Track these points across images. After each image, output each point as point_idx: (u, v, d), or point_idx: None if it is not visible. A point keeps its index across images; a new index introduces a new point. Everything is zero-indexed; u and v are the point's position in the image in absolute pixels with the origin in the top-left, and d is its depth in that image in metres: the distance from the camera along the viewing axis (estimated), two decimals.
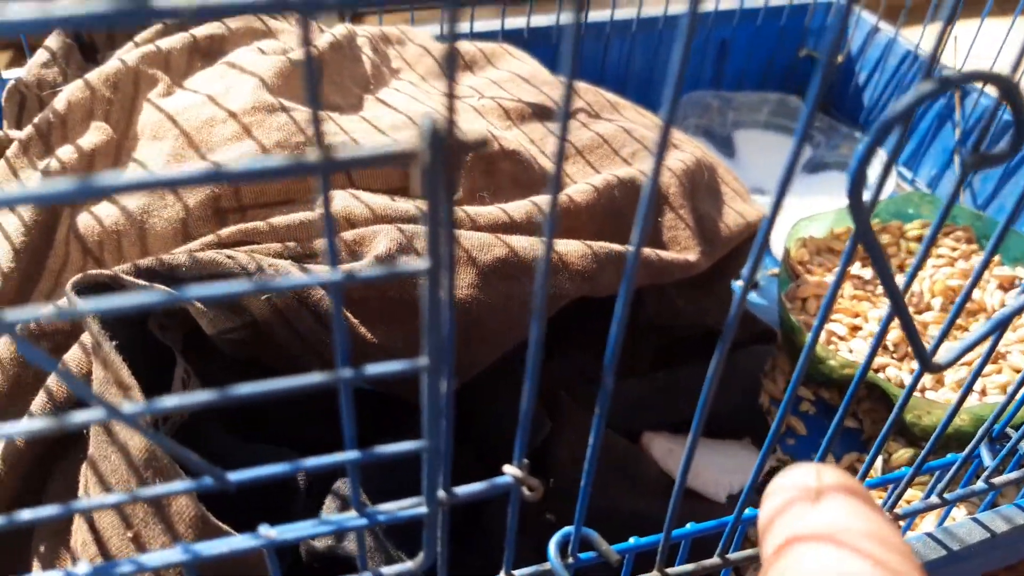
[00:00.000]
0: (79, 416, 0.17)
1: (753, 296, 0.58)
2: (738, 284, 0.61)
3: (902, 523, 0.35)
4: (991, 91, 0.61)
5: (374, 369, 0.18)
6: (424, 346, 0.18)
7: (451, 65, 0.15)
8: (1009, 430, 0.33)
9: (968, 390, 0.26)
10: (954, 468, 0.30)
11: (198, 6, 0.12)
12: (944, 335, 0.24)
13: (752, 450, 0.47)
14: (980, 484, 0.31)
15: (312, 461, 0.20)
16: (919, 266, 0.22)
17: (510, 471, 0.23)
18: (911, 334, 0.23)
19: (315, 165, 0.15)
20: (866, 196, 0.19)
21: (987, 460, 0.32)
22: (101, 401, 0.16)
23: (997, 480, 0.32)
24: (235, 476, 0.19)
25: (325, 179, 0.15)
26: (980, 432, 0.30)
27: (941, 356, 0.24)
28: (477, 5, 0.15)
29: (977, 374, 0.26)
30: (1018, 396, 0.32)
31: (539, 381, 0.44)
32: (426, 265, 0.17)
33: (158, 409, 0.17)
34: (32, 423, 0.17)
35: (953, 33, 0.63)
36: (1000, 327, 0.24)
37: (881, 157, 0.66)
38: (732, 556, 0.28)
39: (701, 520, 0.30)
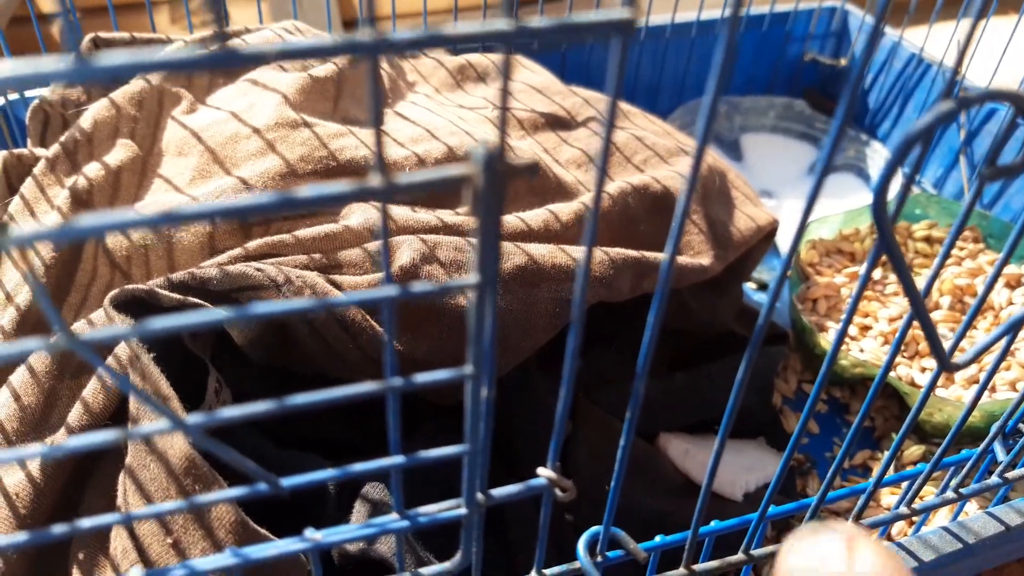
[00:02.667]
0: (145, 429, 0.18)
1: (764, 298, 0.59)
2: (750, 286, 0.62)
3: (916, 519, 0.36)
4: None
5: (423, 378, 0.19)
6: (469, 356, 0.19)
7: (503, 99, 0.16)
8: (1022, 426, 0.34)
9: (983, 390, 0.27)
10: (969, 464, 0.31)
11: (279, 51, 0.13)
12: (961, 337, 0.25)
13: (766, 449, 0.48)
14: (994, 478, 0.32)
15: (359, 466, 0.21)
16: (936, 275, 0.23)
17: (544, 473, 0.24)
18: (931, 337, 0.24)
19: (378, 190, 0.16)
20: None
21: (1000, 455, 0.32)
22: (168, 413, 0.17)
23: (1011, 474, 0.33)
24: (288, 482, 0.20)
25: (385, 202, 0.16)
26: (995, 428, 0.31)
27: (958, 356, 0.25)
28: (536, 38, 0.16)
29: (992, 373, 0.27)
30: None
31: (556, 384, 0.45)
32: (475, 281, 0.18)
33: (219, 420, 0.18)
34: (97, 436, 0.18)
35: (955, 37, 0.64)
36: (1015, 327, 0.25)
37: (886, 156, 0.67)
38: (755, 552, 0.29)
39: (718, 518, 0.31)
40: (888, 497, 0.46)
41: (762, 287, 0.60)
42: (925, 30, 0.66)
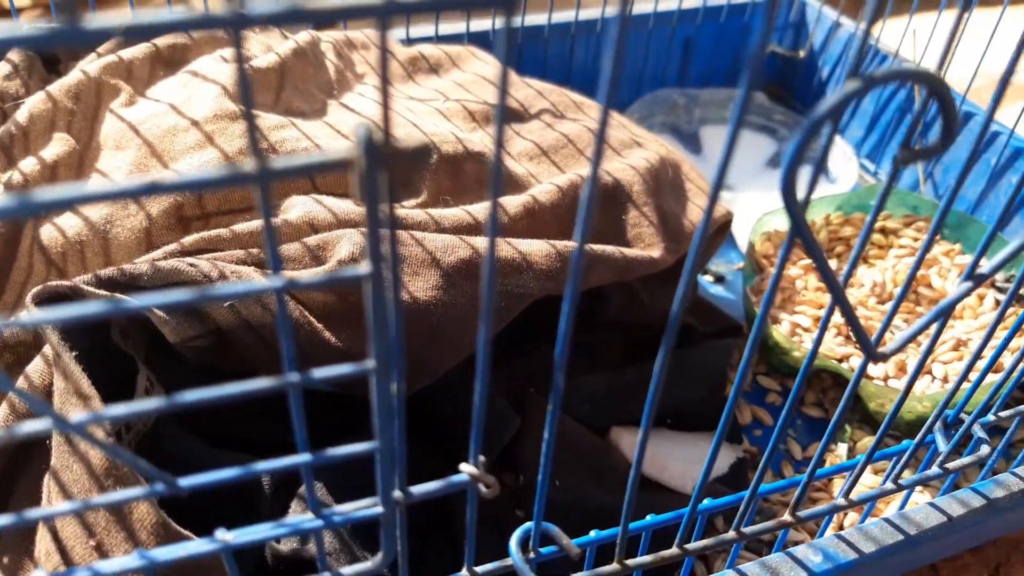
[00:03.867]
0: (27, 427, 0.17)
1: (720, 290, 0.59)
2: (706, 279, 0.61)
3: (862, 508, 0.35)
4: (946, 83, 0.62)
5: (321, 373, 0.18)
6: (370, 349, 0.18)
7: (384, 73, 0.15)
8: (964, 415, 0.34)
9: (913, 380, 0.27)
10: (907, 455, 0.31)
11: (128, 26, 0.12)
12: (886, 326, 0.25)
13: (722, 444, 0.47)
14: (935, 469, 0.32)
15: (264, 465, 0.20)
16: (855, 261, 0.23)
17: (466, 469, 0.23)
18: (853, 325, 0.23)
19: (252, 175, 0.15)
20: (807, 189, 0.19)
21: (941, 446, 0.32)
22: (50, 412, 0.17)
23: (951, 464, 0.32)
24: (186, 482, 0.19)
25: (264, 189, 0.15)
26: (931, 419, 0.31)
27: (888, 345, 0.25)
28: (409, 12, 0.15)
29: (923, 362, 0.27)
30: (971, 381, 0.33)
31: (505, 378, 0.44)
32: (367, 270, 0.17)
33: (105, 418, 0.17)
34: None
35: (912, 27, 0.64)
36: (943, 315, 0.25)
37: (843, 148, 0.67)
38: (690, 546, 0.29)
39: (665, 512, 0.31)
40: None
41: (718, 279, 0.59)
42: (880, 21, 0.66)
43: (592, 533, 0.29)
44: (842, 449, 0.48)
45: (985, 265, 0.24)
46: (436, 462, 0.43)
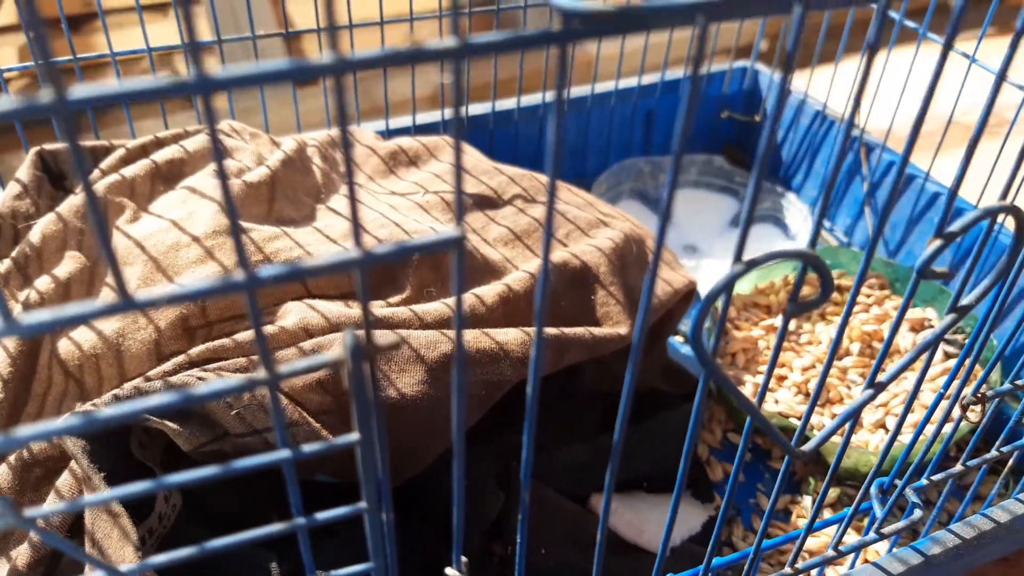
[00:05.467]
0: None
1: (689, 349, 0.63)
2: (676, 339, 0.65)
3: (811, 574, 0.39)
4: (892, 146, 0.66)
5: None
6: (362, 493, 0.22)
7: (365, 298, 0.19)
8: (898, 481, 0.38)
9: (835, 469, 0.31)
10: (845, 522, 0.35)
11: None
12: (804, 427, 0.29)
13: (693, 503, 0.51)
14: (871, 535, 0.36)
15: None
16: (842, 330, 0.27)
17: (451, 574, 0.27)
18: (772, 433, 0.27)
19: (263, 381, 0.19)
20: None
21: (877, 511, 0.36)
22: (94, 561, 0.20)
23: (886, 529, 0.36)
24: None
25: (273, 392, 0.19)
26: (863, 487, 0.34)
27: (808, 444, 0.29)
28: (382, 263, 0.18)
29: (838, 462, 0.31)
30: (918, 441, 0.37)
31: (491, 455, 0.48)
32: (356, 438, 0.21)
33: (148, 567, 0.21)
34: None
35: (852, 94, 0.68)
36: (850, 418, 0.29)
37: (799, 207, 0.71)
38: None
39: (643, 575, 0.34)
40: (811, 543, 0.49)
41: (688, 339, 0.63)
42: (828, 76, 0.71)
43: None
44: (807, 501, 0.52)
45: (884, 373, 0.29)
46: (426, 531, 0.47)
